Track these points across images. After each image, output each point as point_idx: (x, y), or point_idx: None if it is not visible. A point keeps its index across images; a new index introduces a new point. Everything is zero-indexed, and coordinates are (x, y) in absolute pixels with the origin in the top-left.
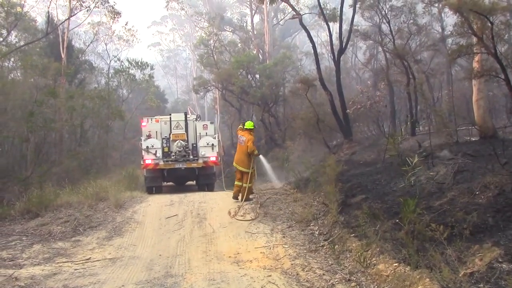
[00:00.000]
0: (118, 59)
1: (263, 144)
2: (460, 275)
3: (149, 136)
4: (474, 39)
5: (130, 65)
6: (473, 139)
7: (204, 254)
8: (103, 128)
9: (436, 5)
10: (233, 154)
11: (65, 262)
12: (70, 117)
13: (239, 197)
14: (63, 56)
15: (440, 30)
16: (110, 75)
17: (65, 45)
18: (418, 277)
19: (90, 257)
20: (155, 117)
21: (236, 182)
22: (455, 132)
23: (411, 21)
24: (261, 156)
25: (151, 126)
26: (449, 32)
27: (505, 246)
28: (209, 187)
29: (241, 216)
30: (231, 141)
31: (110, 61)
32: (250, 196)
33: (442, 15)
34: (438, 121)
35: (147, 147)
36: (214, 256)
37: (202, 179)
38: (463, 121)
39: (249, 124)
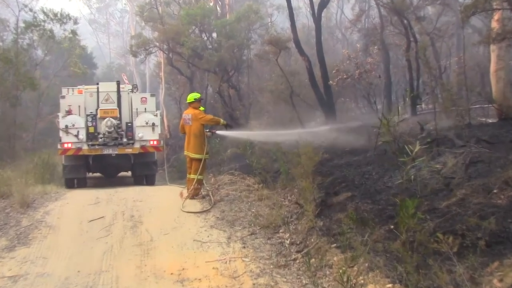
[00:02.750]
0: (30, 10)
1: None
2: None
3: (69, 112)
4: None
5: (46, 18)
6: (490, 121)
7: (138, 270)
8: (9, 100)
9: None
10: (182, 137)
11: None
12: None
13: (186, 191)
14: None
15: None
16: (19, 30)
17: None
18: None
19: None
20: (78, 87)
21: (188, 176)
22: (467, 112)
23: None
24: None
25: (72, 98)
26: None
27: None
28: (149, 180)
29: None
30: (179, 119)
31: (20, 11)
32: (198, 192)
33: None
34: (445, 97)
35: (67, 126)
36: (151, 272)
37: (140, 169)
38: (477, 97)
39: (191, 97)
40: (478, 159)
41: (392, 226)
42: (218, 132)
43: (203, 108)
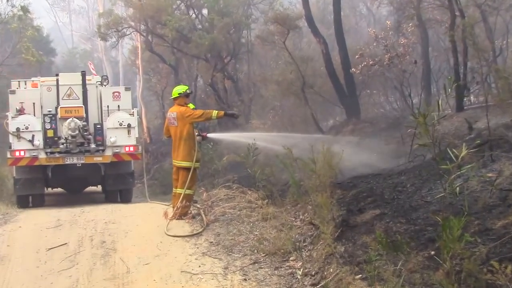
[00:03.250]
0: None
1: (215, 125)
2: None
3: (21, 111)
4: None
5: None
6: None
7: None
8: None
9: None
10: (166, 142)
11: None
12: None
13: (172, 209)
14: None
15: None
16: None
17: None
18: None
19: None
20: (32, 79)
21: (174, 190)
22: None
23: None
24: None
25: (24, 94)
26: None
27: None
28: (124, 196)
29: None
30: (161, 120)
31: None
32: (187, 210)
33: None
34: (501, 86)
35: (18, 129)
36: None
37: (112, 182)
38: None
39: (176, 91)
40: None
41: (432, 252)
42: (210, 135)
43: (193, 106)
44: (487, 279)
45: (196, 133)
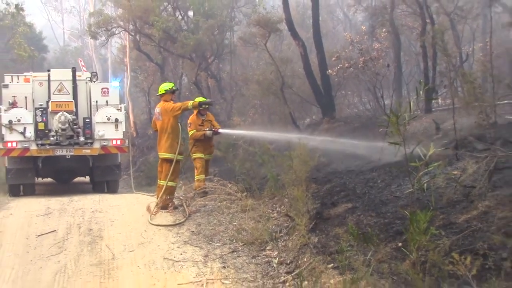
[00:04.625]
0: None
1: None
2: None
3: (13, 105)
4: None
5: None
6: None
7: None
8: None
9: None
10: (151, 137)
11: None
12: None
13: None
14: None
15: None
16: None
17: None
18: None
19: None
20: (25, 74)
21: (158, 182)
22: (493, 108)
23: None
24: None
25: (17, 88)
26: None
27: None
28: (111, 187)
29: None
30: (148, 115)
31: None
32: (169, 202)
33: None
34: (467, 90)
35: (10, 121)
36: None
37: (100, 173)
38: (506, 91)
39: (162, 88)
40: (505, 165)
41: (400, 244)
42: (222, 130)
43: (203, 98)
44: (449, 269)
45: (208, 128)
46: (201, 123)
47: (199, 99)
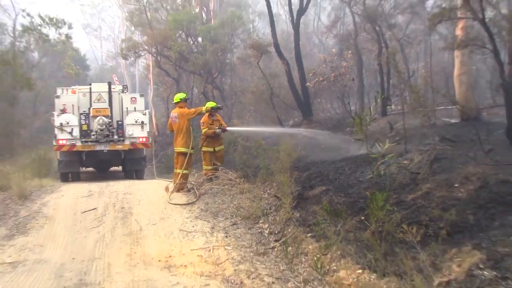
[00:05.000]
0: (28, 14)
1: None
2: (435, 284)
3: (63, 111)
4: (459, 2)
5: (42, 22)
6: (453, 121)
7: (128, 258)
8: (8, 100)
9: None
10: (169, 135)
11: None
12: None
13: (172, 185)
14: None
15: None
16: (16, 33)
17: None
18: (385, 286)
19: None
20: (72, 87)
21: (175, 170)
22: (433, 113)
23: None
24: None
25: (66, 98)
26: None
27: (488, 249)
28: (138, 174)
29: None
30: (166, 118)
31: (17, 15)
32: (184, 186)
33: None
34: (413, 98)
35: (61, 124)
36: (141, 259)
37: (129, 164)
38: (442, 99)
39: (177, 97)
40: (442, 156)
41: (362, 217)
42: (229, 128)
43: (213, 104)
44: (400, 236)
45: (217, 127)
46: (212, 123)
47: (210, 104)
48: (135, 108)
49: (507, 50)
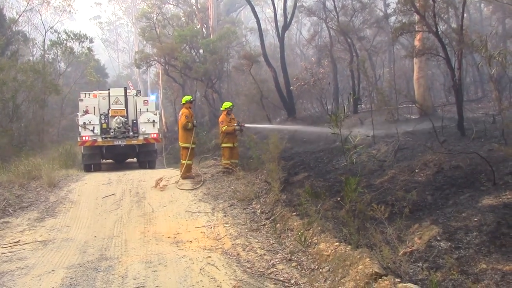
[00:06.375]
0: (55, 31)
1: (207, 121)
2: (400, 254)
3: (86, 112)
4: (417, 17)
5: (67, 37)
6: (413, 117)
7: (142, 235)
8: (38, 103)
9: None
10: (177, 131)
11: None
12: (0, 90)
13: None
14: None
15: (383, 8)
16: (45, 47)
17: None
18: (358, 256)
19: (19, 240)
20: (93, 92)
21: (181, 161)
22: (396, 110)
23: None
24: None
25: (88, 101)
26: (392, 10)
27: (443, 224)
28: (150, 165)
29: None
30: (174, 118)
31: (46, 32)
32: (189, 174)
33: None
34: (379, 99)
35: (84, 123)
36: (153, 236)
37: (143, 156)
38: (404, 99)
39: (184, 99)
40: (404, 146)
41: (338, 198)
42: (247, 125)
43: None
44: (370, 214)
45: (236, 124)
46: (229, 121)
47: (227, 104)
48: (147, 109)
49: (457, 57)
